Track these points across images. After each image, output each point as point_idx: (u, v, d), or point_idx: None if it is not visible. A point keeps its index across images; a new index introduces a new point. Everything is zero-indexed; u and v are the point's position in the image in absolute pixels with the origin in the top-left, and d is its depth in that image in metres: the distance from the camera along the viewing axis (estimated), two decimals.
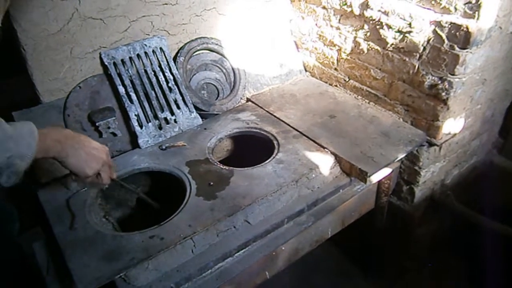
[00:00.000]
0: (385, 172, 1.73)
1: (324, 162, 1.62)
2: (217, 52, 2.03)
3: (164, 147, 1.72)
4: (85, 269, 1.20)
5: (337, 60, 2.08)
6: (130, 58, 1.78)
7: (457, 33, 1.50)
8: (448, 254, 2.29)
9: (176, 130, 1.83)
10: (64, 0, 1.56)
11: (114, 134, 1.75)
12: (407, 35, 1.67)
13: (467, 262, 2.21)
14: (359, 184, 1.71)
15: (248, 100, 2.07)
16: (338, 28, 1.98)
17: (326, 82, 2.20)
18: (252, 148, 1.87)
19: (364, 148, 1.66)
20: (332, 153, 1.65)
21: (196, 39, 1.96)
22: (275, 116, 1.91)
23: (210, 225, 1.35)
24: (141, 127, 1.76)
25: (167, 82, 1.84)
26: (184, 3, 1.86)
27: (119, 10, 1.70)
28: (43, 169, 1.54)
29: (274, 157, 1.66)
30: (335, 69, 2.12)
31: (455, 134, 1.83)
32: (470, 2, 1.43)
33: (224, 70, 2.06)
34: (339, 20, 1.95)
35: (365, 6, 1.78)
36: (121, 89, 1.75)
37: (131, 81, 1.77)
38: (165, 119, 1.82)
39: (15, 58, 1.63)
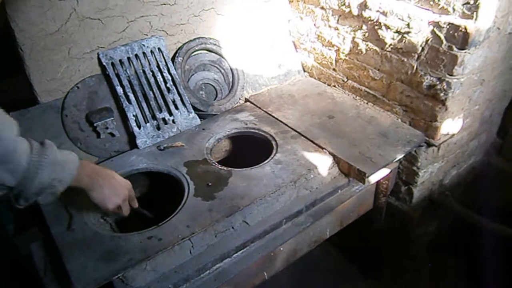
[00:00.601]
0: (383, 172, 1.73)
1: (323, 163, 1.62)
2: (216, 53, 2.03)
3: (162, 148, 1.72)
4: (83, 270, 1.19)
5: (335, 60, 2.08)
6: (128, 58, 1.78)
7: (456, 34, 1.50)
8: (447, 254, 2.29)
9: (174, 131, 1.82)
10: (62, 0, 1.55)
11: (112, 135, 1.74)
12: (405, 35, 1.67)
13: (466, 262, 2.22)
14: (358, 184, 1.71)
15: (246, 100, 2.07)
16: (336, 29, 1.98)
17: (324, 83, 2.20)
18: (250, 149, 1.87)
19: (363, 149, 1.66)
20: (331, 153, 1.65)
21: (194, 39, 1.96)
22: (273, 117, 1.91)
23: (208, 225, 1.35)
24: (139, 127, 1.76)
25: (165, 83, 1.84)
26: (182, 3, 1.86)
27: (117, 10, 1.70)
28: None
29: (272, 158, 1.65)
30: (334, 69, 2.12)
31: (453, 135, 1.83)
32: (468, 3, 1.43)
33: (223, 71, 2.05)
34: (338, 20, 1.95)
35: (364, 6, 1.78)
36: (119, 90, 1.74)
37: (129, 82, 1.77)
38: (163, 119, 1.82)
39: (12, 58, 1.63)
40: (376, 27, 1.77)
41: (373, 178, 1.70)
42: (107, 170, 1.30)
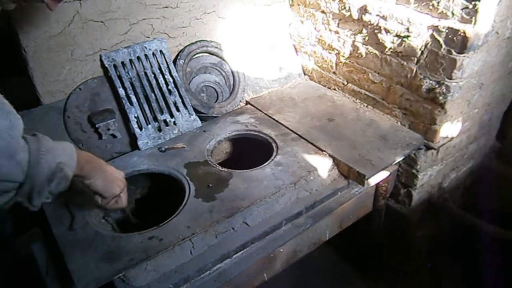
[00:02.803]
0: (383, 175, 1.74)
1: (322, 165, 1.63)
2: (217, 55, 2.04)
3: (163, 149, 1.73)
4: (85, 270, 1.20)
5: (335, 64, 2.09)
6: (130, 60, 1.79)
7: (455, 38, 1.51)
8: (446, 257, 2.29)
9: (175, 132, 1.83)
10: (65, 2, 1.57)
11: (114, 136, 1.75)
12: (405, 39, 1.68)
13: (465, 265, 2.22)
14: (357, 186, 1.72)
15: (247, 103, 2.09)
16: (337, 32, 1.99)
17: (324, 86, 2.21)
18: (251, 151, 1.88)
19: (362, 151, 1.67)
20: (330, 156, 1.66)
21: (196, 42, 1.97)
22: (274, 119, 1.92)
23: (208, 226, 1.35)
24: (140, 129, 1.77)
25: (167, 85, 1.85)
26: (184, 6, 1.88)
27: (119, 13, 1.71)
28: None
29: (272, 160, 1.67)
30: (334, 72, 2.13)
31: (452, 138, 1.84)
32: (467, 7, 1.44)
33: (224, 73, 2.07)
34: (338, 24, 1.97)
35: (364, 10, 1.79)
36: (121, 91, 1.76)
37: (131, 83, 1.78)
38: (165, 121, 1.83)
39: (15, 59, 1.64)
40: (376, 31, 1.78)
41: (373, 181, 1.71)
42: (100, 159, 1.27)
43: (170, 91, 1.86)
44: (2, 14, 1.18)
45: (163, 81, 1.85)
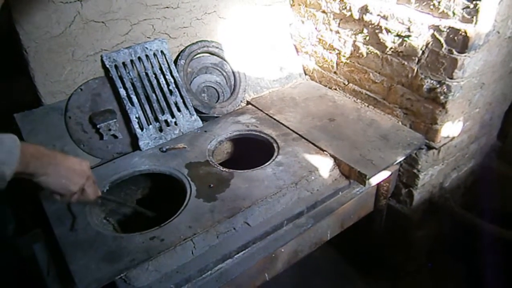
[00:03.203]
0: (384, 175, 1.74)
1: (324, 165, 1.63)
2: (218, 55, 2.04)
3: (164, 149, 1.73)
4: (86, 270, 1.20)
5: (336, 63, 2.09)
6: (131, 60, 1.79)
7: (456, 38, 1.51)
8: (447, 256, 2.29)
9: (176, 133, 1.84)
10: (66, 3, 1.57)
11: (115, 136, 1.75)
12: (406, 39, 1.68)
13: (466, 265, 2.22)
14: (358, 186, 1.72)
15: (248, 103, 2.09)
16: (337, 32, 1.99)
17: (325, 86, 2.21)
18: (252, 151, 1.89)
19: (363, 151, 1.67)
20: (332, 155, 1.66)
21: (196, 42, 1.97)
22: (274, 119, 1.92)
23: (210, 226, 1.36)
24: (142, 129, 1.77)
25: (168, 85, 1.86)
26: (185, 6, 1.88)
27: (120, 13, 1.72)
28: None
29: (273, 160, 1.67)
30: (335, 72, 2.13)
31: (453, 138, 1.84)
32: (468, 7, 1.44)
33: (225, 73, 2.07)
34: (339, 24, 1.97)
35: (365, 10, 1.79)
36: (122, 92, 1.76)
37: (132, 84, 1.79)
38: (166, 121, 1.83)
39: (16, 59, 1.64)
40: (377, 31, 1.78)
41: (374, 181, 1.71)
42: (56, 151, 1.15)
43: (171, 92, 1.86)
44: (3, 14, 1.17)
45: (164, 82, 1.85)
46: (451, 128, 1.77)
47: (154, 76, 1.84)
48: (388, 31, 1.74)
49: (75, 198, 1.17)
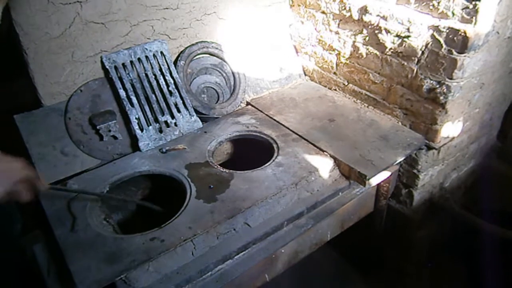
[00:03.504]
0: (384, 175, 1.73)
1: (324, 165, 1.63)
2: (217, 56, 2.04)
3: (164, 150, 1.73)
4: (86, 271, 1.21)
5: (336, 64, 2.09)
6: (131, 61, 1.79)
7: (455, 38, 1.51)
8: (447, 257, 2.29)
9: (176, 134, 1.84)
10: (66, 4, 1.57)
11: (115, 137, 1.75)
12: (405, 39, 1.68)
13: (466, 265, 2.22)
14: (358, 187, 1.71)
15: (248, 103, 2.09)
16: (337, 33, 1.99)
17: (325, 86, 2.21)
18: (252, 152, 1.89)
19: (363, 152, 1.67)
20: (332, 156, 1.66)
21: (196, 43, 1.98)
22: (274, 120, 1.92)
23: (210, 227, 1.36)
24: (141, 130, 1.77)
25: (168, 86, 1.86)
26: (184, 7, 1.88)
27: (120, 15, 1.72)
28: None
29: (273, 160, 1.67)
30: (334, 73, 2.13)
31: (453, 138, 1.84)
32: (467, 7, 1.44)
33: (224, 74, 2.07)
34: (338, 24, 1.97)
35: (364, 11, 1.80)
36: (122, 93, 1.76)
37: (132, 85, 1.79)
38: (166, 122, 1.83)
39: (16, 61, 1.65)
40: (376, 31, 1.79)
41: (374, 181, 1.71)
42: None
43: (171, 92, 1.86)
44: (3, 15, 1.17)
45: (163, 82, 1.85)
46: (451, 129, 1.78)
47: (154, 77, 1.84)
48: (387, 31, 1.74)
49: (8, 197, 1.10)
